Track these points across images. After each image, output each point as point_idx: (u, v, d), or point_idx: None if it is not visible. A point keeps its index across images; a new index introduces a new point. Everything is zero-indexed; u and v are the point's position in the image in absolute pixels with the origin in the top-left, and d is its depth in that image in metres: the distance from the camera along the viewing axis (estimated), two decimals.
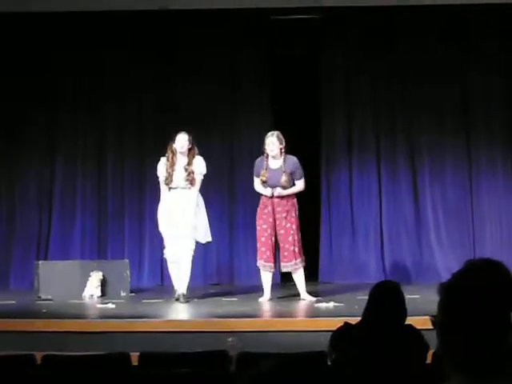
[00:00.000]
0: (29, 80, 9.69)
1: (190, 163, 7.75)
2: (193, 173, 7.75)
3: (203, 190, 8.09)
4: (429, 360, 4.02)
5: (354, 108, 9.79)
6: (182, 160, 7.80)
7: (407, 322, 4.05)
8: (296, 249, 7.66)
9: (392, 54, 9.67)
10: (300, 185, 7.78)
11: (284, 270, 7.78)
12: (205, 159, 7.97)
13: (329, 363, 4.18)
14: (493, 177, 9.59)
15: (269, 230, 7.67)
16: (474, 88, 9.66)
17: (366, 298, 4.05)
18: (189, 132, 7.94)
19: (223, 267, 9.68)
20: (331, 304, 7.35)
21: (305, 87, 9.81)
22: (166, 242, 7.92)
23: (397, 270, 9.42)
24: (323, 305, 7.37)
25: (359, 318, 4.04)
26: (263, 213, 7.71)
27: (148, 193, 9.83)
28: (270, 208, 7.68)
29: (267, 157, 7.75)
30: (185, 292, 7.72)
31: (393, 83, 9.76)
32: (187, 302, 7.69)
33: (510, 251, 9.34)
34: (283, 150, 7.75)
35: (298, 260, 7.68)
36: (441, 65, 9.61)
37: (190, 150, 7.80)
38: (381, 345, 3.82)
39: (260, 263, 7.77)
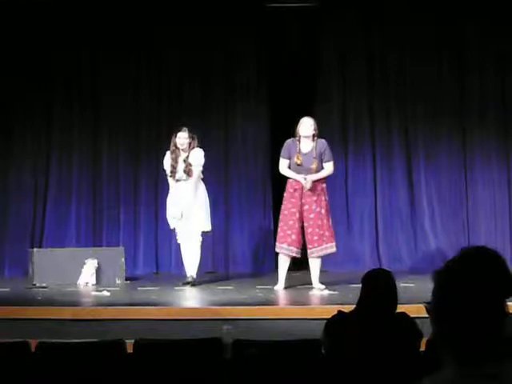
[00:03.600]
0: (25, 71, 9.66)
1: (188, 156, 8.03)
2: (190, 165, 8.00)
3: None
4: (422, 348, 4.04)
5: (349, 97, 9.80)
6: (183, 154, 8.07)
7: (401, 310, 4.07)
8: (327, 233, 7.53)
9: (388, 42, 9.67)
10: (329, 168, 7.63)
11: (312, 255, 7.54)
12: (200, 148, 8.09)
13: (323, 351, 4.19)
14: (487, 165, 9.61)
15: (297, 214, 7.50)
16: (469, 78, 9.66)
17: (360, 286, 4.06)
18: (189, 126, 8.11)
19: (218, 255, 9.69)
20: (325, 292, 7.36)
21: (300, 75, 9.79)
22: (177, 229, 8.13)
23: (391, 258, 9.45)
24: (317, 293, 7.38)
25: (353, 306, 4.05)
26: (293, 196, 7.54)
27: (143, 181, 9.85)
28: (299, 192, 7.52)
29: (299, 139, 7.61)
30: (194, 276, 7.99)
31: (389, 72, 9.76)
32: (194, 285, 7.91)
33: (503, 240, 9.39)
34: (316, 137, 7.65)
35: (329, 244, 7.55)
36: (437, 54, 9.61)
37: (190, 143, 8.06)
38: (374, 333, 3.83)
39: (282, 247, 7.56)
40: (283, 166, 7.65)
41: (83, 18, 9.60)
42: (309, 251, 7.55)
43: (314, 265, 7.61)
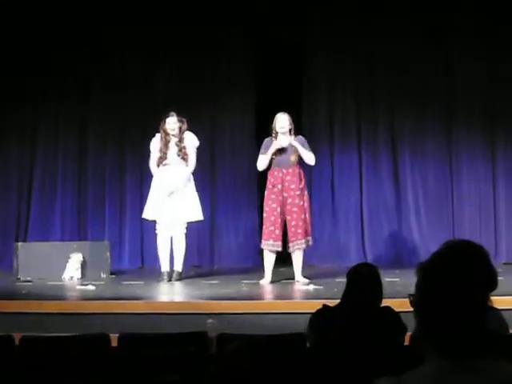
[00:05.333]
0: (13, 66, 9.61)
1: (181, 140, 7.97)
2: (184, 148, 7.95)
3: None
4: (407, 342, 4.05)
5: (336, 93, 9.81)
6: (174, 138, 8.00)
7: (386, 304, 4.08)
8: (309, 227, 7.64)
9: (376, 38, 9.66)
10: (311, 153, 7.66)
11: (293, 248, 7.57)
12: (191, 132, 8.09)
13: (308, 345, 4.20)
14: (472, 160, 9.64)
15: (278, 209, 7.53)
16: (455, 74, 9.68)
17: (346, 280, 4.07)
18: (177, 111, 8.04)
19: (204, 249, 9.68)
20: (311, 286, 7.37)
21: (287, 69, 9.77)
22: (158, 220, 7.99)
23: (377, 253, 9.47)
24: (303, 287, 7.39)
25: (338, 301, 4.06)
26: (272, 192, 7.58)
27: (129, 174, 9.82)
28: (279, 186, 7.56)
29: (276, 136, 7.65)
30: (180, 270, 7.94)
31: (375, 68, 9.76)
32: (179, 280, 7.87)
33: (488, 234, 9.43)
34: (293, 132, 7.69)
35: (309, 238, 7.63)
36: (423, 50, 9.62)
37: (180, 128, 8.00)
38: (359, 327, 3.84)
39: (267, 244, 7.59)
40: (260, 161, 7.72)
41: (80, 17, 9.57)
42: (291, 244, 7.58)
43: (297, 258, 7.65)
